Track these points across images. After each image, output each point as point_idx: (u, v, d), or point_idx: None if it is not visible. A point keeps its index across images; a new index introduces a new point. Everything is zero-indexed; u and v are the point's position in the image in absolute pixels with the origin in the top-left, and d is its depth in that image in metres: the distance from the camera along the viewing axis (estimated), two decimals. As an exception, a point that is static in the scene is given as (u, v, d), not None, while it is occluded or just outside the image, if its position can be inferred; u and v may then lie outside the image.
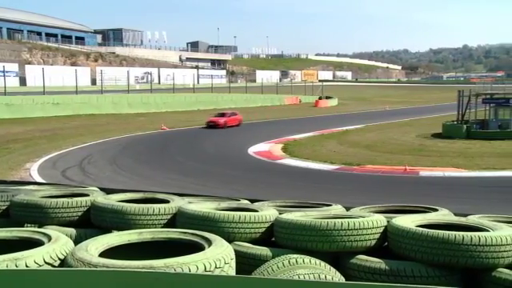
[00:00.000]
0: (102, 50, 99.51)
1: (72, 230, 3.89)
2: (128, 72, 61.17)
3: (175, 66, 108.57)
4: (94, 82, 74.10)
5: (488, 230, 3.43)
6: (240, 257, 3.31)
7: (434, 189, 15.93)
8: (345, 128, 33.78)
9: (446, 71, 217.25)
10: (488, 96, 30.10)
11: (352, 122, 37.62)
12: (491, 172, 17.94)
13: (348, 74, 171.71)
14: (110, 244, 3.01)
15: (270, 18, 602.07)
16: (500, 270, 3.20)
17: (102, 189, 5.24)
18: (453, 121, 30.31)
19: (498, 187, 16.03)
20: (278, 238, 3.81)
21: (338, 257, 3.54)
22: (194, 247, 2.92)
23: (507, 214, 4.57)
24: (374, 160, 20.93)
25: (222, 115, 36.14)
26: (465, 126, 28.33)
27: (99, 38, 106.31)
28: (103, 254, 2.82)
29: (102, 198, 4.27)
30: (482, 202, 13.39)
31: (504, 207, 12.20)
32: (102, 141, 27.16)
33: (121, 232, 3.34)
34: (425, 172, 18.44)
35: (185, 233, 3.26)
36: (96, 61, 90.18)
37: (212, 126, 34.12)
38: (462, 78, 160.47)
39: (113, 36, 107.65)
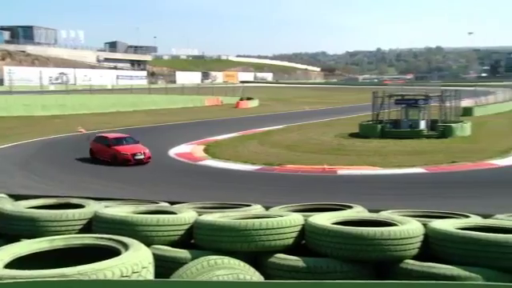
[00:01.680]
0: (11, 48, 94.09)
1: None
2: (41, 72, 58.27)
3: (92, 67, 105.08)
4: (0, 82, 69.97)
5: (397, 225, 3.61)
6: (159, 260, 3.25)
7: (351, 187, 16.51)
8: (266, 129, 34.18)
9: (362, 73, 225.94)
10: (399, 97, 31.62)
11: (273, 122, 38.14)
12: (403, 169, 18.89)
13: (269, 76, 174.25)
14: (17, 254, 2.85)
15: (190, 18, 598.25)
16: (407, 261, 3.38)
17: (10, 195, 4.95)
18: (368, 121, 31.54)
19: (408, 183, 16.90)
20: (198, 239, 3.79)
21: (257, 256, 3.58)
22: (110, 252, 2.84)
23: (416, 209, 4.83)
24: (294, 160, 21.36)
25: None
26: (379, 126, 29.60)
27: (7, 34, 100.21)
28: (11, 265, 2.67)
29: (9, 205, 4.03)
30: (395, 198, 14.07)
31: (413, 202, 12.86)
32: (12, 145, 25.69)
33: (30, 240, 3.17)
34: (343, 171, 19.07)
35: (100, 238, 3.16)
36: (3, 59, 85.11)
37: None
38: (376, 80, 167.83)
39: (23, 34, 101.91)
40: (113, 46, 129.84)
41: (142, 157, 21.03)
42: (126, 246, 2.88)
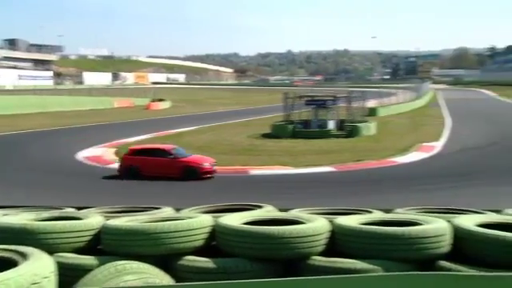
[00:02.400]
0: None
1: None
2: None
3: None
4: None
5: (305, 223, 3.72)
6: (63, 269, 3.11)
7: (263, 186, 16.74)
8: (178, 130, 33.79)
9: (273, 74, 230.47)
10: (309, 98, 32.55)
11: (185, 123, 37.80)
12: (312, 168, 19.46)
13: (181, 77, 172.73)
14: None
15: (99, 17, 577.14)
16: (314, 257, 3.49)
17: None
18: (280, 121, 32.16)
19: (317, 182, 17.45)
20: (106, 245, 3.68)
21: (167, 259, 3.54)
22: (6, 264, 2.67)
23: (323, 206, 5.00)
24: (207, 161, 21.29)
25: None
26: (290, 126, 30.28)
27: None
28: None
29: None
30: (305, 196, 14.48)
31: (322, 200, 13.31)
32: None
33: None
34: (255, 171, 19.29)
35: (-4, 249, 2.96)
36: None
37: None
38: (287, 81, 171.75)
39: None
40: (12, 43, 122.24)
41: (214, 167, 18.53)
42: (24, 256, 2.72)
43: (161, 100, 61.54)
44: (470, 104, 57.66)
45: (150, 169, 18.19)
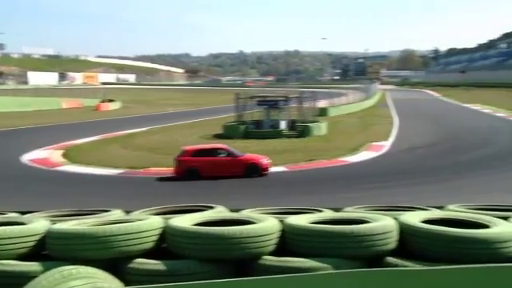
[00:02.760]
0: None
1: None
2: None
3: None
4: None
5: (256, 223, 3.73)
6: (6, 277, 2.99)
7: (216, 187, 16.70)
8: (129, 131, 33.21)
9: (225, 75, 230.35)
10: (261, 98, 32.70)
11: (136, 124, 37.17)
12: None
13: (131, 77, 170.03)
14: None
15: (43, 15, 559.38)
16: (265, 257, 3.51)
17: None
18: (232, 122, 32.15)
19: (269, 182, 17.56)
20: (52, 249, 3.56)
21: (116, 263, 3.46)
22: None
23: (275, 206, 5.03)
24: (158, 162, 21.03)
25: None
26: (242, 127, 30.34)
27: None
28: None
29: None
30: (257, 196, 14.57)
31: (274, 199, 13.39)
32: None
33: None
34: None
35: None
36: None
37: None
38: (239, 82, 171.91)
39: None
40: None
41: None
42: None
43: (111, 101, 60.29)
44: (416, 104, 59.51)
45: (210, 169, 18.08)
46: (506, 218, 3.95)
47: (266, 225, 3.61)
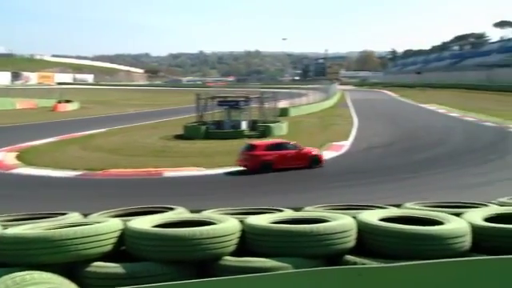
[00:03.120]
0: None
1: None
2: None
3: None
4: None
5: (216, 223, 3.73)
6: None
7: (177, 188, 16.59)
8: (87, 132, 32.53)
9: (185, 75, 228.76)
10: (222, 99, 32.66)
11: (95, 125, 36.45)
12: (226, 169, 19.54)
13: (89, 77, 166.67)
14: None
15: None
16: (226, 257, 3.51)
17: None
18: (193, 122, 31.96)
19: (231, 182, 17.59)
20: (5, 255, 3.45)
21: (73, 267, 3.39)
22: None
23: (236, 206, 5.03)
24: (118, 164, 20.71)
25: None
26: (203, 127, 30.22)
27: None
28: None
29: None
30: (219, 197, 14.52)
31: (236, 200, 13.43)
32: None
33: None
34: (168, 173, 19.05)
35: None
36: None
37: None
38: (199, 82, 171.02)
39: None
40: None
41: None
42: None
43: (68, 101, 58.86)
44: (374, 104, 60.67)
45: (282, 162, 19.14)
46: (458, 215, 4.08)
47: (226, 225, 3.61)
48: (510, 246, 3.55)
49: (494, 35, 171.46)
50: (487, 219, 4.02)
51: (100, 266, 3.34)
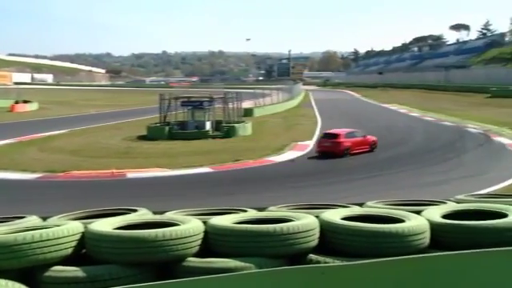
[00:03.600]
0: None
1: None
2: None
3: None
4: None
5: (179, 224, 3.70)
6: None
7: (140, 190, 16.39)
8: (47, 133, 31.73)
9: (149, 75, 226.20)
10: (185, 99, 32.46)
11: (55, 126, 35.59)
12: (191, 169, 19.43)
13: (49, 77, 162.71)
14: None
15: None
16: (189, 259, 3.49)
17: None
18: (156, 123, 31.65)
19: (195, 183, 17.49)
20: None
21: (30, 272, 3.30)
22: None
23: (200, 207, 5.00)
24: (79, 165, 20.31)
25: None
26: (167, 128, 29.95)
27: None
28: None
29: None
30: (183, 198, 14.42)
31: (200, 201, 13.36)
32: None
33: None
34: (132, 174, 18.79)
35: None
36: None
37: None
38: (162, 82, 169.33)
39: None
40: None
41: None
42: None
43: (26, 101, 57.28)
44: (337, 104, 61.47)
45: (356, 147, 22.56)
46: (418, 212, 4.18)
47: (189, 226, 3.58)
48: (466, 241, 3.66)
49: (451, 37, 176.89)
50: (445, 216, 4.12)
51: (59, 271, 3.26)
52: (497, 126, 31.83)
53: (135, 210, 4.61)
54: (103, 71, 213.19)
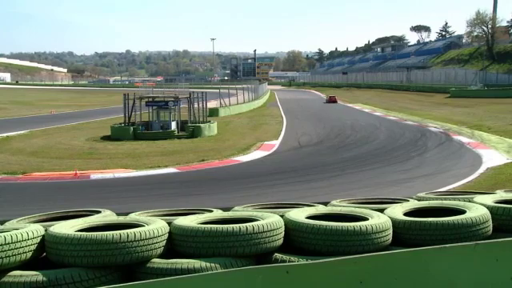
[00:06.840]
0: None
1: None
2: None
3: None
4: None
5: (143, 226, 3.66)
6: None
7: (104, 191, 16.09)
8: (4, 134, 30.83)
9: (113, 75, 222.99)
10: (150, 99, 32.14)
11: (13, 127, 34.63)
12: (156, 170, 19.24)
13: (6, 76, 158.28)
14: None
15: None
16: (153, 260, 3.46)
17: None
18: (120, 123, 31.20)
19: (161, 183, 17.30)
20: None
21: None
22: None
23: (165, 208, 4.96)
24: (41, 167, 19.82)
25: None
26: (131, 128, 29.56)
27: None
28: None
29: None
30: (148, 199, 14.26)
31: (165, 201, 13.27)
32: None
33: None
34: (96, 175, 18.45)
35: None
36: None
37: None
38: (127, 82, 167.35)
39: None
40: None
41: None
42: None
43: (-17, 102, 55.59)
44: (303, 104, 61.99)
45: None
46: (381, 210, 4.25)
47: (153, 227, 3.54)
48: (427, 237, 3.75)
49: (412, 38, 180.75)
50: (407, 213, 4.21)
51: (18, 276, 3.17)
52: (456, 125, 32.74)
53: (98, 212, 4.54)
54: (65, 70, 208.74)
